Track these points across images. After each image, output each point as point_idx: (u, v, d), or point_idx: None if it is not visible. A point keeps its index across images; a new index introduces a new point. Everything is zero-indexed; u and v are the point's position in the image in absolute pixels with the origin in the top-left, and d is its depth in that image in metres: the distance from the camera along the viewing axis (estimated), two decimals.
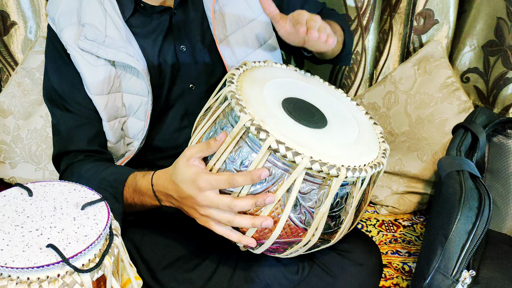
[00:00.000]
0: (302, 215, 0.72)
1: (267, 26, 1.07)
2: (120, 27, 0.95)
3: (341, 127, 0.80)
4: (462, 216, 0.88)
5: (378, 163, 0.76)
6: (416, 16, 1.44)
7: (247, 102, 0.74)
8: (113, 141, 1.00)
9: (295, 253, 0.79)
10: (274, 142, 0.68)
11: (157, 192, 0.82)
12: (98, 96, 0.95)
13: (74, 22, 0.95)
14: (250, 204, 0.71)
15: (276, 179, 0.70)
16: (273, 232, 0.73)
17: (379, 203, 1.43)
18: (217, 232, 0.76)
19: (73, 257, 0.58)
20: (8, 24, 1.38)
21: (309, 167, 0.68)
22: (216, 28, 1.00)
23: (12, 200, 0.67)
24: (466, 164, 1.01)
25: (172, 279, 0.86)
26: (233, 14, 1.02)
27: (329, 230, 0.76)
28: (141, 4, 0.97)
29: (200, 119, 0.86)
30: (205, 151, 0.74)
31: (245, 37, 1.03)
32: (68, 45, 0.94)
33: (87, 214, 0.65)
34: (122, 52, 0.94)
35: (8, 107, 1.37)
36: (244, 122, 0.70)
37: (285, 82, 0.86)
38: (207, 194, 0.72)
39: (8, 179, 1.38)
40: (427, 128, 1.38)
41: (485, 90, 1.42)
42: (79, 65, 0.94)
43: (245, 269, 0.85)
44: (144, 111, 1.00)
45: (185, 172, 0.74)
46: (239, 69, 0.84)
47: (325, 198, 0.72)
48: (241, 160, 0.72)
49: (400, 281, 1.15)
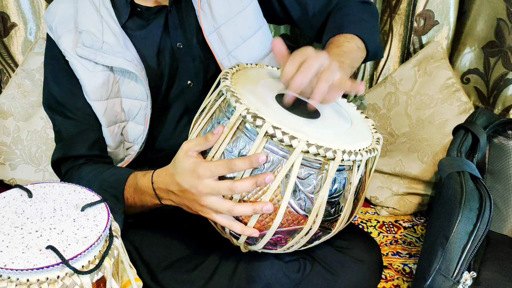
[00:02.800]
0: (302, 201, 0.73)
1: (258, 15, 1.05)
2: (117, 33, 0.96)
3: (335, 118, 0.82)
4: (463, 217, 0.88)
5: (373, 149, 0.77)
6: (416, 17, 1.44)
7: (242, 95, 0.75)
8: (113, 146, 1.01)
9: (296, 245, 0.79)
10: (270, 127, 0.69)
11: (157, 190, 0.82)
12: (97, 102, 0.96)
13: (71, 29, 0.96)
14: (251, 184, 0.70)
15: (274, 165, 0.71)
16: (274, 220, 0.73)
17: (379, 204, 1.43)
18: (220, 223, 0.76)
19: (73, 258, 0.57)
20: (8, 26, 1.38)
21: (305, 150, 0.69)
22: (203, 20, 0.99)
23: (12, 201, 0.67)
24: (466, 165, 1.01)
25: (172, 280, 0.86)
26: (221, 5, 1.01)
27: (329, 217, 0.77)
28: (138, 9, 0.98)
29: (197, 119, 0.87)
30: (203, 144, 0.74)
31: (236, 27, 1.02)
32: (66, 52, 0.95)
33: (87, 215, 0.65)
34: (120, 58, 0.94)
35: (8, 108, 1.37)
36: (240, 112, 0.71)
37: (277, 81, 0.87)
38: (207, 182, 0.72)
39: (8, 181, 1.38)
40: (428, 129, 1.38)
41: (485, 91, 1.42)
42: (78, 72, 0.95)
43: (246, 269, 0.85)
44: (143, 115, 1.00)
45: (184, 163, 0.74)
46: (233, 69, 0.86)
47: (323, 183, 0.73)
48: (239, 150, 0.73)
49: (400, 282, 1.15)
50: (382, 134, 1.44)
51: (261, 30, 1.06)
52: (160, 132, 1.04)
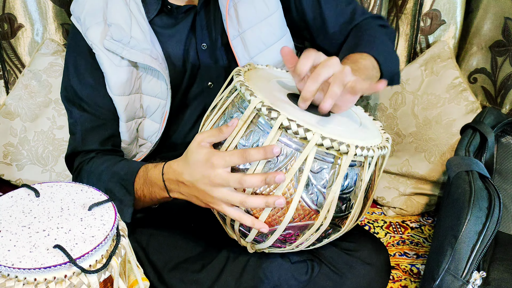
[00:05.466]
0: (314, 195, 0.73)
1: (282, 23, 1.06)
2: (145, 29, 0.95)
3: (345, 118, 0.82)
4: (472, 217, 0.88)
5: (384, 146, 0.78)
6: (423, 16, 1.43)
7: (255, 90, 0.76)
8: (128, 141, 1.01)
9: (306, 242, 0.79)
10: (285, 119, 0.69)
11: (167, 181, 0.82)
12: (120, 96, 0.96)
13: (100, 21, 0.95)
14: (260, 180, 0.70)
15: (288, 158, 0.71)
16: (286, 214, 0.73)
17: (386, 204, 1.42)
18: (230, 215, 0.75)
19: (80, 257, 0.57)
20: (15, 27, 1.38)
21: (320, 143, 0.69)
22: (229, 24, 1.00)
23: (19, 201, 0.67)
24: (475, 164, 1.01)
25: (179, 280, 0.86)
26: (247, 11, 1.01)
27: (340, 213, 0.77)
28: (168, 6, 0.98)
29: (208, 116, 0.87)
30: (217, 136, 0.74)
31: (260, 33, 1.02)
32: (94, 45, 0.94)
33: (94, 215, 0.65)
34: (146, 55, 0.94)
35: (15, 109, 1.37)
36: (255, 105, 0.71)
37: (288, 81, 0.88)
38: (220, 172, 0.72)
39: (15, 181, 1.38)
40: (435, 129, 1.37)
41: (492, 91, 1.41)
42: (103, 65, 0.94)
43: (253, 270, 0.85)
44: (161, 113, 1.00)
45: (198, 153, 0.74)
46: (245, 67, 0.87)
47: (336, 177, 0.73)
48: (252, 143, 0.73)
49: (408, 283, 1.14)
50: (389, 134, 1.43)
51: (284, 38, 1.07)
52: (175, 131, 1.04)
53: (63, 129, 1.38)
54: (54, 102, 1.38)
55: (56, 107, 1.38)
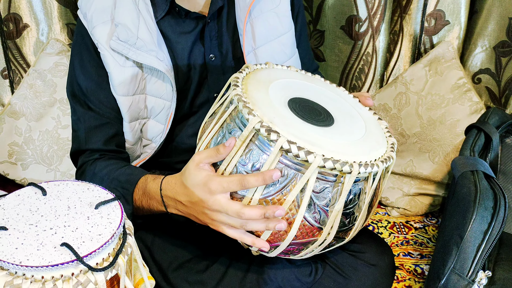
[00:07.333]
0: (317, 214, 0.72)
1: (293, 43, 1.08)
2: (152, 30, 0.95)
3: (349, 124, 0.80)
4: (477, 216, 0.87)
5: (388, 157, 0.75)
6: (427, 17, 1.43)
7: (254, 105, 0.73)
8: (131, 141, 1.00)
9: (310, 253, 0.79)
10: (285, 142, 0.67)
11: (165, 197, 0.81)
12: (123, 97, 0.95)
13: (107, 20, 0.94)
14: (259, 214, 0.69)
15: (289, 179, 0.70)
16: (289, 233, 0.72)
17: (390, 205, 1.42)
18: (230, 236, 0.75)
19: (87, 255, 0.58)
20: (20, 27, 1.39)
21: (322, 165, 0.67)
22: (246, 40, 1.00)
23: (26, 199, 0.67)
24: (480, 164, 1.00)
25: (183, 280, 0.86)
26: (263, 28, 1.02)
27: (343, 227, 0.76)
28: (176, 9, 0.97)
29: (206, 124, 0.85)
30: (215, 157, 0.73)
31: (272, 51, 1.03)
32: (99, 44, 0.93)
33: (100, 213, 0.65)
34: (152, 56, 0.94)
35: (20, 108, 1.38)
36: (253, 125, 0.69)
37: (289, 83, 0.86)
38: (219, 198, 0.71)
39: (20, 180, 1.39)
40: (439, 129, 1.37)
41: (497, 91, 1.41)
42: (108, 65, 0.94)
43: (257, 271, 0.85)
44: (165, 115, 1.00)
45: (196, 175, 0.73)
46: (242, 72, 0.83)
47: (339, 196, 0.71)
48: (252, 163, 0.71)
49: (412, 283, 1.14)
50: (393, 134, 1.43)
51: (293, 57, 1.08)
52: (179, 135, 1.04)
53: (67, 129, 1.38)
54: (59, 102, 1.39)
55: (61, 106, 1.39)
